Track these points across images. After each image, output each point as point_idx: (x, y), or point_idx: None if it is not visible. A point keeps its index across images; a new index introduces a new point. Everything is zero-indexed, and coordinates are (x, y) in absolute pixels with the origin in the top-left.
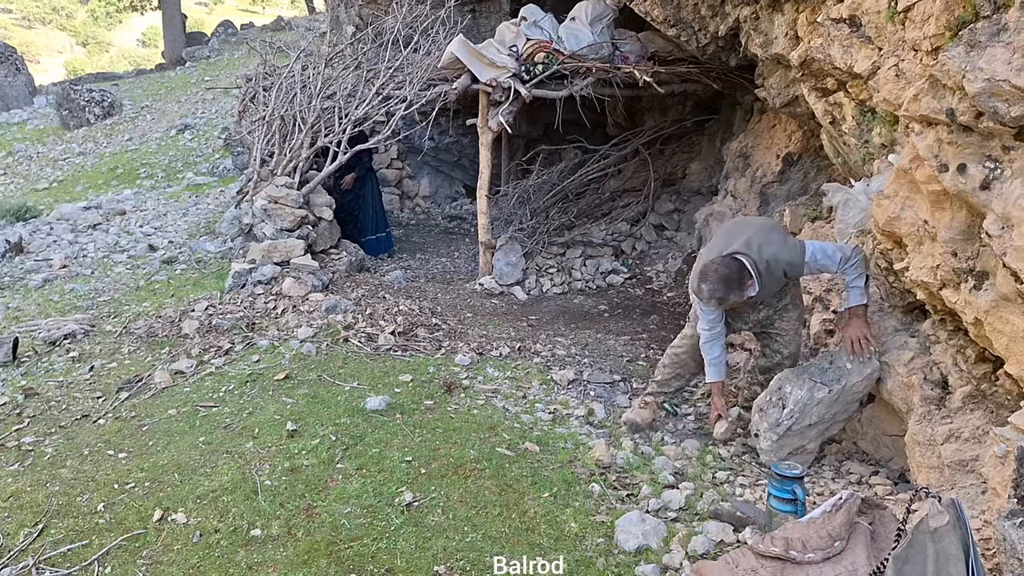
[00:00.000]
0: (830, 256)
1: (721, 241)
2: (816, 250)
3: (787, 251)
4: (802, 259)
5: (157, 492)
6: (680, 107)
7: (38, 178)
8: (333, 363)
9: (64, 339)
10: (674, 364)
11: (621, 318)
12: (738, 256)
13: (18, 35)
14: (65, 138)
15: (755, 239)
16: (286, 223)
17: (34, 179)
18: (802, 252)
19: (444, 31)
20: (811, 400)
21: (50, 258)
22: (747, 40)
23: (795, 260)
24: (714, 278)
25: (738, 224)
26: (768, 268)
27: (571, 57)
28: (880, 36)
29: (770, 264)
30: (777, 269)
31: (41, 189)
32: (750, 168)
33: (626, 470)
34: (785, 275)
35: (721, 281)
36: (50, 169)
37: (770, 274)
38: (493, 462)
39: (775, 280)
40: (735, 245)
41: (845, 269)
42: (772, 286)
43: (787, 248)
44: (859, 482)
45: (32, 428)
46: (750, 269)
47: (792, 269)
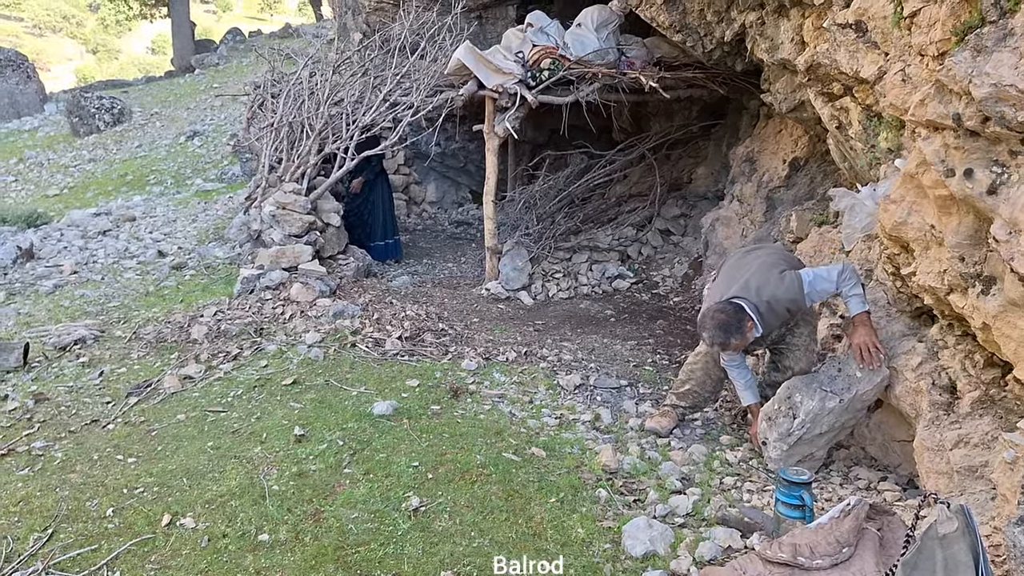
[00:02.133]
0: (826, 278)
1: (722, 284)
2: (813, 279)
3: (785, 290)
4: (802, 293)
5: (166, 497)
6: (686, 112)
7: (49, 184)
8: (340, 368)
9: (74, 344)
10: (690, 379)
11: (627, 323)
12: (736, 300)
13: (29, 43)
14: (75, 145)
15: (753, 281)
16: (294, 229)
17: (45, 185)
18: (800, 286)
19: (451, 38)
20: (822, 410)
21: (60, 264)
22: (753, 45)
23: (795, 296)
24: (712, 325)
25: (737, 265)
26: (769, 308)
27: (577, 63)
28: (886, 41)
29: (771, 304)
30: (779, 307)
31: (52, 195)
32: (756, 173)
33: (633, 475)
34: (788, 312)
35: (720, 328)
36: (61, 176)
37: (772, 313)
38: (500, 467)
39: (778, 317)
40: (734, 289)
41: (841, 284)
42: (775, 323)
43: (785, 287)
44: (867, 488)
45: (42, 433)
46: (750, 312)
47: (794, 305)
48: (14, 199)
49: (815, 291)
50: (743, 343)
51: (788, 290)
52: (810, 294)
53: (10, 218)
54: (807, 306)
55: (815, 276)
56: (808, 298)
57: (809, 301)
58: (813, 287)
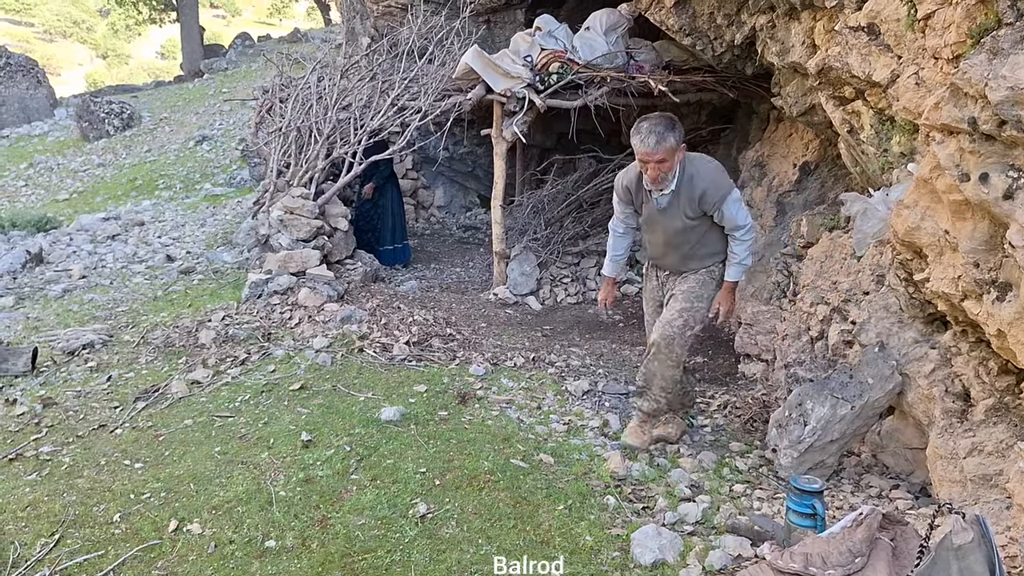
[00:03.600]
0: (745, 216)
1: None
2: (739, 201)
3: (715, 173)
4: (724, 194)
5: (173, 502)
6: (695, 116)
7: (59, 189)
8: (348, 373)
9: (82, 349)
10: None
11: (636, 328)
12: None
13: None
14: (85, 149)
15: (692, 154)
16: (302, 233)
17: (55, 190)
18: (728, 189)
19: (459, 42)
20: (834, 417)
21: (69, 268)
22: (763, 49)
23: (720, 187)
24: (651, 120)
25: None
26: (692, 179)
27: (585, 67)
28: (899, 44)
29: (696, 177)
30: (700, 183)
31: (62, 200)
32: (766, 177)
33: (642, 482)
34: (701, 199)
35: (658, 120)
36: (70, 180)
37: (692, 185)
38: (507, 474)
39: (691, 197)
40: None
41: (743, 238)
42: (687, 203)
43: (715, 171)
44: (879, 496)
45: (50, 438)
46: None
47: (711, 193)
48: (24, 203)
49: (730, 208)
50: (672, 155)
51: (716, 177)
52: (728, 204)
53: (20, 222)
54: (714, 208)
55: (741, 204)
56: (723, 204)
57: (719, 209)
58: (734, 206)
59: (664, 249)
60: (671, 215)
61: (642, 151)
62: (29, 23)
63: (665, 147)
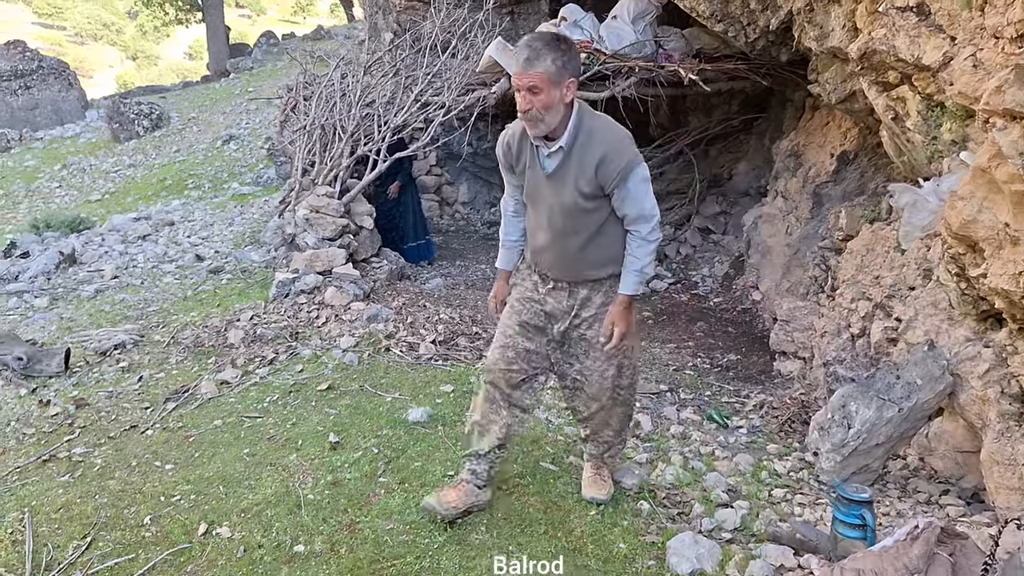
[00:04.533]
0: (653, 206)
1: None
2: (647, 181)
3: (623, 139)
4: (630, 164)
5: (202, 505)
6: (726, 106)
7: (91, 190)
8: (375, 373)
9: (114, 349)
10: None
11: (666, 324)
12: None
13: (72, 51)
14: (116, 150)
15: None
16: (327, 232)
17: (87, 191)
18: (636, 160)
19: (482, 34)
20: (879, 419)
21: (101, 269)
22: (800, 33)
23: (624, 153)
24: (532, 35)
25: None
26: (591, 138)
27: (613, 57)
28: (953, 24)
29: (595, 136)
30: (600, 145)
31: (94, 201)
32: (802, 168)
33: (676, 487)
34: (600, 166)
35: (539, 36)
36: (102, 181)
37: (589, 146)
38: (537, 477)
39: (587, 163)
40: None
41: (648, 237)
42: (581, 172)
43: (626, 140)
44: (928, 502)
45: (82, 439)
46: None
47: (612, 160)
48: (58, 204)
49: (636, 185)
50: (550, 86)
51: (621, 142)
52: (631, 178)
53: (54, 223)
54: (614, 183)
55: (648, 187)
56: (627, 179)
57: (622, 187)
58: (640, 181)
59: (549, 238)
60: (560, 186)
61: (513, 72)
62: (61, 26)
63: (539, 70)
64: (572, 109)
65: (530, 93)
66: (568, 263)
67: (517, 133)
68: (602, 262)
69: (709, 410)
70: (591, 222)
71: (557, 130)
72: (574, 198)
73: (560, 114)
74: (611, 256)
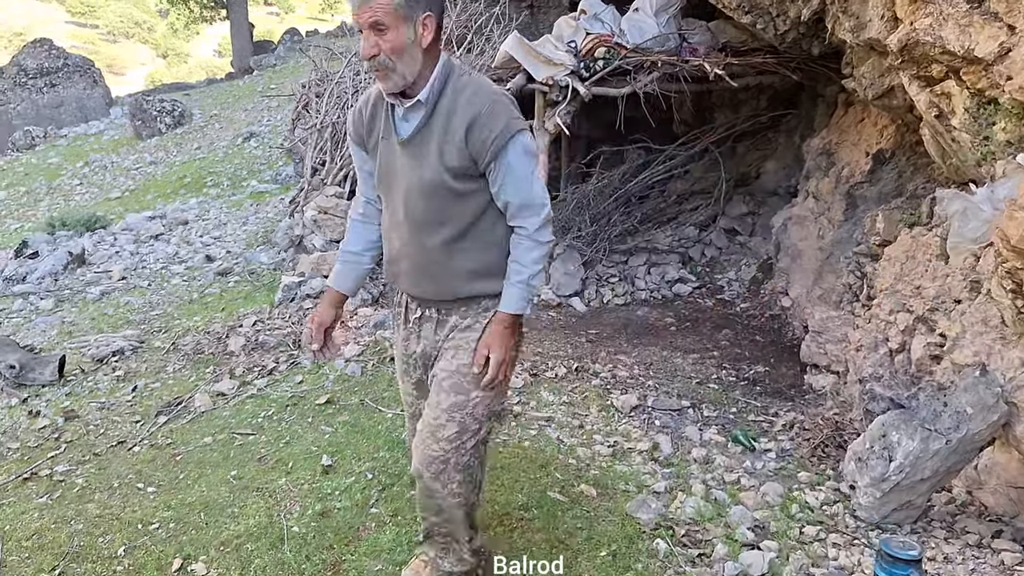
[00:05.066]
0: (542, 191)
1: None
2: (533, 156)
3: (501, 102)
4: (509, 130)
5: (180, 535)
6: (754, 101)
7: (112, 187)
8: (377, 385)
9: (112, 356)
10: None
11: (689, 332)
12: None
13: (105, 49)
14: (138, 148)
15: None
16: (335, 234)
17: (108, 188)
18: (519, 127)
19: (499, 29)
20: (925, 452)
21: (110, 270)
22: (834, 25)
23: (499, 116)
24: None
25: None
26: (460, 97)
27: (634, 51)
28: (1011, 12)
29: (466, 96)
30: (471, 105)
31: (114, 198)
32: (835, 167)
33: (697, 522)
34: (470, 131)
35: None
36: (123, 178)
37: (457, 106)
38: (544, 510)
39: (455, 128)
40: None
41: (536, 236)
42: (447, 138)
43: (505, 104)
44: (979, 545)
45: (67, 455)
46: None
47: (486, 124)
48: (78, 202)
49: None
50: (399, 22)
51: (499, 104)
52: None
53: (70, 222)
54: (493, 164)
55: (534, 165)
56: (505, 150)
57: (501, 161)
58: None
59: (406, 235)
60: (420, 157)
61: (352, 9)
62: (94, 25)
63: (383, 1)
64: (437, 60)
65: (374, 32)
66: (432, 272)
67: (372, 96)
68: (480, 271)
69: (735, 430)
70: (463, 211)
71: (416, 85)
72: (438, 174)
73: (417, 62)
74: (492, 264)
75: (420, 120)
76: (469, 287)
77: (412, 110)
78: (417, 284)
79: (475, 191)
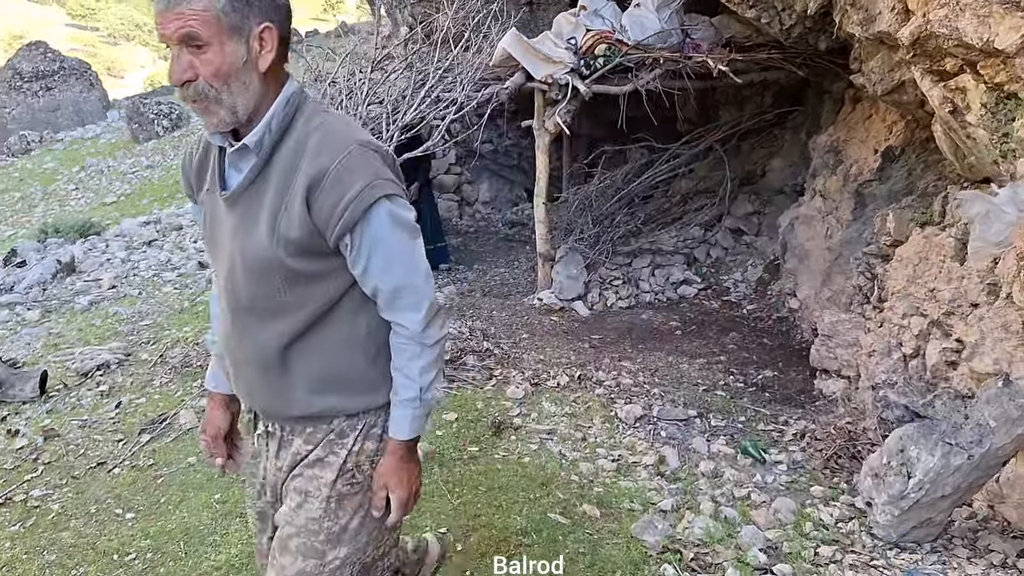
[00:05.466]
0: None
1: None
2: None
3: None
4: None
5: (157, 567)
6: (759, 98)
7: (107, 192)
8: None
9: (96, 370)
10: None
11: (695, 336)
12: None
13: (105, 52)
14: (135, 151)
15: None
16: None
17: (104, 193)
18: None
19: (497, 26)
20: (946, 468)
21: (100, 278)
22: (842, 18)
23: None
24: None
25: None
26: (308, 140)
27: (636, 47)
28: None
29: (315, 138)
30: (320, 152)
31: (109, 203)
32: (842, 164)
33: (706, 543)
34: (314, 187)
35: None
36: (119, 183)
37: (304, 149)
38: (544, 534)
39: (291, 180)
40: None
41: (422, 334)
42: (285, 193)
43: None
44: (1004, 565)
45: (44, 478)
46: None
47: (337, 180)
48: (73, 207)
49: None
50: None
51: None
52: (373, 216)
53: (63, 229)
54: (347, 239)
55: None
56: (365, 218)
57: (357, 233)
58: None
59: (228, 328)
60: (247, 221)
61: (156, 17)
62: (94, 27)
63: (197, 6)
64: (279, 87)
65: (188, 49)
66: (266, 379)
67: (205, 138)
68: (329, 381)
69: (744, 441)
70: (304, 299)
71: (253, 122)
72: (269, 248)
73: (252, 91)
74: (349, 371)
75: (251, 171)
76: (312, 403)
77: (240, 155)
78: (248, 392)
79: (324, 273)
